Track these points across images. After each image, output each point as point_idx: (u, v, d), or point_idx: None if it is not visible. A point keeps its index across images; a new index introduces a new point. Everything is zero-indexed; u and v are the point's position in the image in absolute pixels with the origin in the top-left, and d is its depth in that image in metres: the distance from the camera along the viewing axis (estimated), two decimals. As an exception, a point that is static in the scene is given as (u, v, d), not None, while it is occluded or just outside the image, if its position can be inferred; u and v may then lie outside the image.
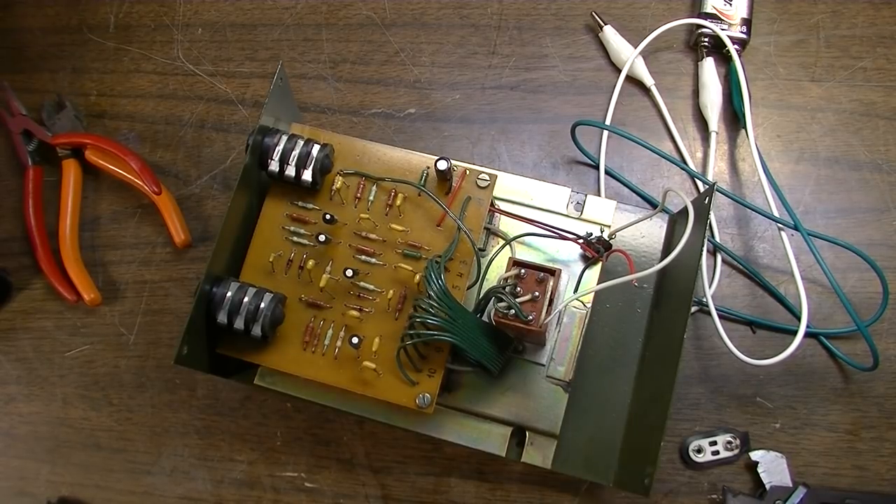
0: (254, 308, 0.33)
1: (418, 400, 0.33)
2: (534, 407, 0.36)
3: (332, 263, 0.35)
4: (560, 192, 0.38)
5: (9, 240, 0.44)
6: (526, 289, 0.32)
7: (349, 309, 0.34)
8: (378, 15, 0.47)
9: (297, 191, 0.36)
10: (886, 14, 0.45)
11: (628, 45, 0.44)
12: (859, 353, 0.40)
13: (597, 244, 0.36)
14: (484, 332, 0.34)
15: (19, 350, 0.42)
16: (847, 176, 0.43)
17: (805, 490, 0.37)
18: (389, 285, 0.35)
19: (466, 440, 0.36)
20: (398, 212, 0.36)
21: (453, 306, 0.32)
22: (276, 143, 0.35)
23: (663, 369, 0.34)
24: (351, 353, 0.34)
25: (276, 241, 0.36)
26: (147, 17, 0.47)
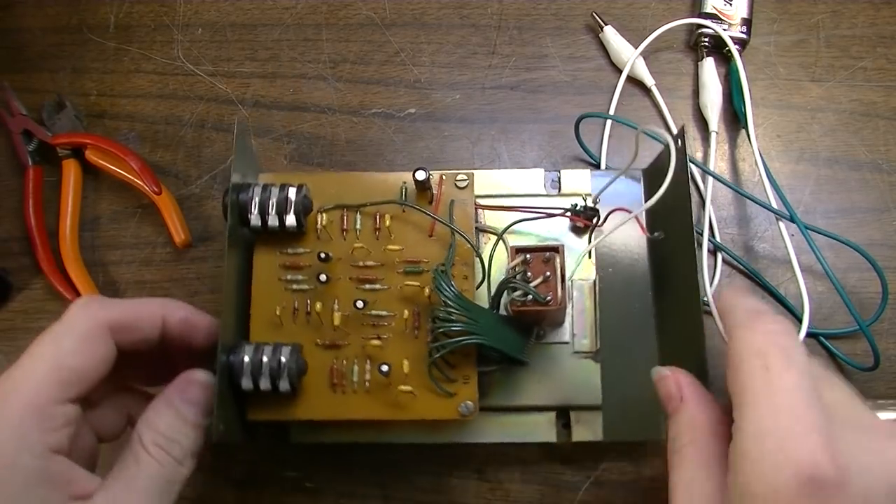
0: (276, 364, 0.32)
1: (461, 409, 0.33)
2: (570, 385, 0.36)
3: (339, 300, 0.35)
4: (534, 174, 0.39)
5: (9, 240, 0.44)
6: (535, 272, 0.32)
7: (368, 340, 0.34)
8: (378, 15, 0.47)
9: (282, 239, 0.35)
10: (886, 14, 0.46)
11: (629, 46, 0.44)
12: (859, 353, 0.40)
13: (585, 212, 0.37)
14: (506, 326, 0.34)
15: (19, 350, 0.41)
16: (847, 176, 0.43)
17: (805, 490, 0.37)
18: (400, 306, 0.34)
19: (514, 437, 0.36)
20: (388, 233, 0.35)
21: (471, 308, 0.32)
22: (251, 196, 0.34)
23: (685, 310, 0.34)
24: (382, 382, 0.33)
25: (276, 293, 0.35)
26: (147, 17, 0.47)
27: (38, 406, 0.27)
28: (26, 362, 0.28)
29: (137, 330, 0.31)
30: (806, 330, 0.36)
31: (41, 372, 0.28)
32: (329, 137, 0.45)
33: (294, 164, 0.44)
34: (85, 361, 0.29)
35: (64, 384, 0.28)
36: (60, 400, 0.28)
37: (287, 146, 0.44)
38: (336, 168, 0.44)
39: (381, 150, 0.44)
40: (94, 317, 0.29)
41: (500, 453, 0.39)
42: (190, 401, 0.31)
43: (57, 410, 0.27)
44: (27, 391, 0.27)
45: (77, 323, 0.29)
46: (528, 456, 0.39)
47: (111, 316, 0.30)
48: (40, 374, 0.28)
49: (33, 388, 0.27)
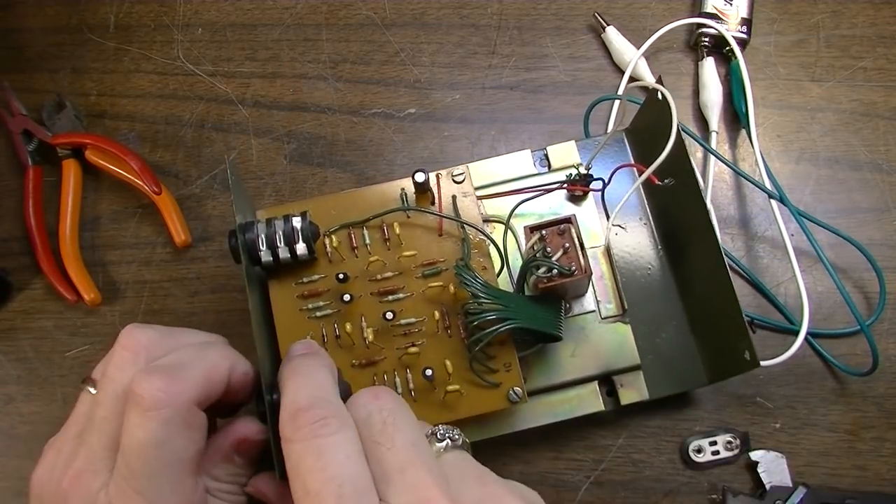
0: None
1: (510, 397, 0.33)
2: (606, 352, 0.37)
3: (365, 317, 0.34)
4: (522, 156, 0.40)
5: (9, 240, 0.44)
6: (554, 247, 0.33)
7: (404, 349, 0.34)
8: (378, 15, 0.47)
9: (294, 270, 0.35)
10: (886, 14, 0.46)
11: (631, 46, 0.44)
12: (859, 353, 0.40)
13: (582, 180, 0.38)
14: (536, 305, 0.34)
15: (19, 350, 0.42)
16: (847, 176, 0.43)
17: (805, 490, 0.37)
18: (427, 309, 0.34)
19: (563, 414, 0.37)
20: (398, 241, 0.35)
21: (500, 295, 0.33)
22: (257, 234, 0.33)
23: (704, 254, 0.35)
24: (427, 387, 0.33)
25: (300, 324, 0.34)
26: (147, 17, 0.47)
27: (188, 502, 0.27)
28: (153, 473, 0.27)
29: (215, 395, 0.29)
30: (806, 331, 0.36)
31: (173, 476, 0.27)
32: (329, 137, 0.45)
33: (294, 164, 0.44)
34: (195, 448, 0.28)
35: (191, 473, 0.28)
36: (195, 488, 0.28)
37: (287, 146, 0.44)
38: (335, 168, 0.44)
39: (381, 150, 0.44)
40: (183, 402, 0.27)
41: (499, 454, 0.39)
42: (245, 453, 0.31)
43: (197, 498, 0.28)
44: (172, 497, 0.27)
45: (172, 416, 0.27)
46: (529, 456, 0.39)
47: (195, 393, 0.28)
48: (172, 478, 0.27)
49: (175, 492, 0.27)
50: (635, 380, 0.37)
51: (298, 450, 0.25)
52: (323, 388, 0.27)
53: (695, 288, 0.38)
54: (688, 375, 0.38)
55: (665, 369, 0.38)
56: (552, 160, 0.40)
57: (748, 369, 0.33)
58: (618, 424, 0.39)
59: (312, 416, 0.25)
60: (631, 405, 0.37)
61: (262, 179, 0.44)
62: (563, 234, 0.33)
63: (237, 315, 0.42)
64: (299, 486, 0.24)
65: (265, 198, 0.43)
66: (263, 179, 0.44)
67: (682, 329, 0.38)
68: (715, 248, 0.34)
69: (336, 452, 0.25)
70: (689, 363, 0.38)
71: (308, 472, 0.24)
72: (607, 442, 0.39)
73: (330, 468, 0.24)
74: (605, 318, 0.37)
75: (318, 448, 0.25)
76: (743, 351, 0.33)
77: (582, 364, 0.37)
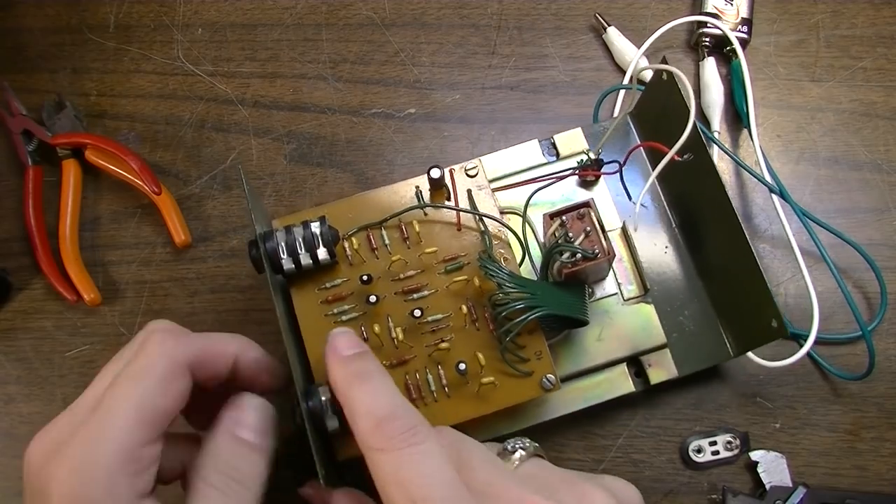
0: None
1: (543, 384, 0.33)
2: (632, 333, 0.37)
3: (391, 317, 0.34)
4: (530, 146, 0.41)
5: (9, 240, 0.44)
6: (575, 231, 0.33)
7: (435, 345, 0.34)
8: (378, 15, 0.47)
9: (315, 276, 0.35)
10: (886, 14, 0.46)
11: (632, 46, 0.44)
12: (858, 354, 0.40)
13: (593, 165, 0.38)
14: (561, 291, 0.34)
15: (19, 350, 0.42)
16: (847, 176, 0.43)
17: (805, 490, 0.37)
18: (453, 304, 0.34)
19: (595, 398, 0.37)
20: (418, 238, 0.35)
21: (526, 283, 0.33)
22: (277, 242, 0.33)
23: (722, 228, 0.36)
24: (461, 382, 0.33)
25: (326, 329, 0.33)
26: (147, 17, 0.47)
27: (126, 450, 0.26)
28: (110, 404, 0.27)
29: (212, 367, 0.30)
30: (815, 336, 0.36)
31: (127, 415, 0.26)
32: (329, 137, 0.45)
33: (294, 164, 0.44)
34: (167, 400, 0.27)
35: (149, 424, 0.27)
36: (146, 441, 0.26)
37: (287, 146, 0.44)
38: (335, 168, 0.44)
39: (381, 150, 0.44)
40: (174, 354, 0.28)
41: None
42: (244, 424, 0.30)
43: (144, 452, 0.26)
44: (114, 436, 0.26)
45: (158, 361, 0.28)
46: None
47: (190, 352, 0.29)
48: (126, 417, 0.26)
49: (120, 433, 0.26)
50: (663, 359, 0.37)
51: (394, 460, 0.25)
52: (396, 393, 0.27)
53: (714, 264, 0.38)
54: (714, 351, 0.38)
55: (691, 346, 0.38)
56: (560, 148, 0.40)
57: (777, 337, 0.33)
58: (618, 424, 0.39)
59: (402, 425, 0.26)
60: (632, 403, 0.37)
61: (262, 179, 0.44)
62: (583, 218, 0.34)
63: (237, 315, 0.42)
64: (401, 496, 0.24)
65: (265, 198, 0.43)
66: (263, 179, 0.44)
67: (704, 306, 0.39)
68: (733, 220, 0.34)
69: (434, 460, 0.25)
70: (715, 339, 0.38)
71: (410, 481, 0.24)
72: (607, 442, 0.39)
73: (432, 476, 0.25)
74: (627, 300, 0.38)
75: (416, 457, 0.25)
76: (770, 320, 0.33)
77: (609, 347, 0.37)
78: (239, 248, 0.43)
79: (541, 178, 0.38)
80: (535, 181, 0.38)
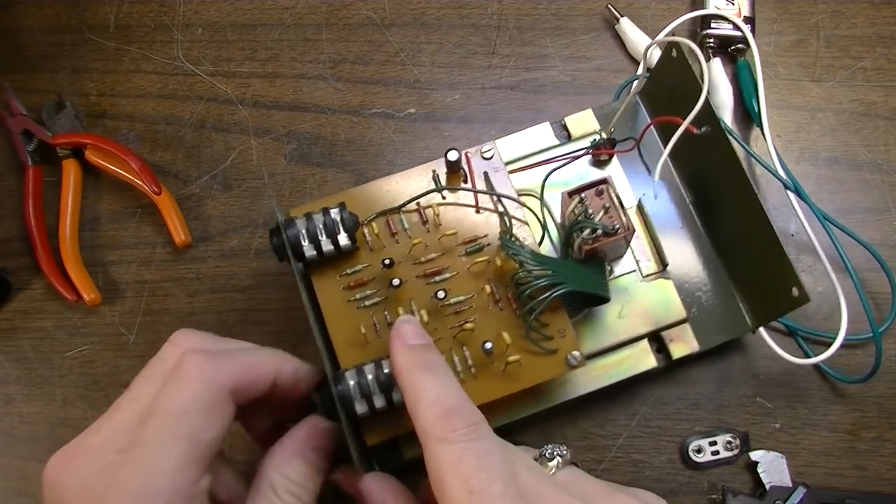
0: (384, 378, 0.31)
1: (569, 361, 0.33)
2: (652, 309, 0.37)
3: (414, 301, 0.34)
4: (542, 129, 0.41)
5: (9, 240, 0.44)
6: (594, 208, 0.34)
7: (458, 328, 0.34)
8: (378, 15, 0.47)
9: (336, 263, 0.35)
10: (886, 14, 0.46)
11: (645, 36, 0.44)
12: (859, 354, 0.40)
13: (606, 144, 0.39)
14: (584, 269, 0.34)
15: (19, 350, 0.42)
16: (847, 176, 0.43)
17: (805, 490, 0.37)
18: (475, 285, 0.34)
19: (618, 375, 0.37)
20: (437, 221, 0.35)
21: (548, 261, 0.34)
22: (298, 229, 0.33)
23: (738, 201, 0.36)
24: (487, 362, 0.33)
25: (350, 316, 0.34)
26: (147, 17, 0.47)
27: (182, 490, 0.26)
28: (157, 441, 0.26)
29: (253, 390, 0.30)
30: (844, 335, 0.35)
31: (178, 456, 0.26)
32: (329, 137, 0.45)
33: (294, 164, 0.44)
34: (213, 432, 0.27)
35: (199, 461, 0.26)
36: (198, 478, 0.26)
37: (287, 146, 0.44)
38: (335, 168, 0.44)
39: (381, 150, 0.44)
40: (216, 382, 0.28)
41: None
42: (317, 448, 0.31)
43: (197, 490, 0.26)
44: (169, 479, 0.26)
45: (202, 392, 0.27)
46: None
47: (231, 378, 0.28)
48: (176, 456, 0.26)
49: (174, 474, 0.26)
50: (684, 333, 0.38)
51: (455, 450, 0.26)
52: (460, 388, 0.28)
53: (730, 238, 0.38)
54: (734, 324, 0.38)
55: (711, 320, 0.38)
56: (571, 130, 0.41)
57: (799, 305, 0.33)
58: (618, 424, 0.39)
59: (465, 419, 0.26)
60: (631, 404, 0.37)
61: (261, 179, 0.44)
62: (602, 194, 0.34)
63: (237, 315, 0.42)
64: (459, 486, 0.25)
65: (265, 198, 0.43)
66: (263, 179, 0.44)
67: (721, 281, 0.39)
68: (748, 190, 0.35)
69: (493, 456, 0.26)
70: (734, 312, 0.38)
71: (471, 472, 0.25)
72: (607, 442, 0.39)
73: (492, 469, 0.25)
74: (646, 276, 0.38)
75: (477, 451, 0.26)
76: (791, 288, 0.33)
77: (630, 324, 0.37)
78: (239, 247, 0.43)
79: (556, 159, 0.39)
80: (550, 161, 0.39)
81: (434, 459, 0.26)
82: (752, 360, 0.40)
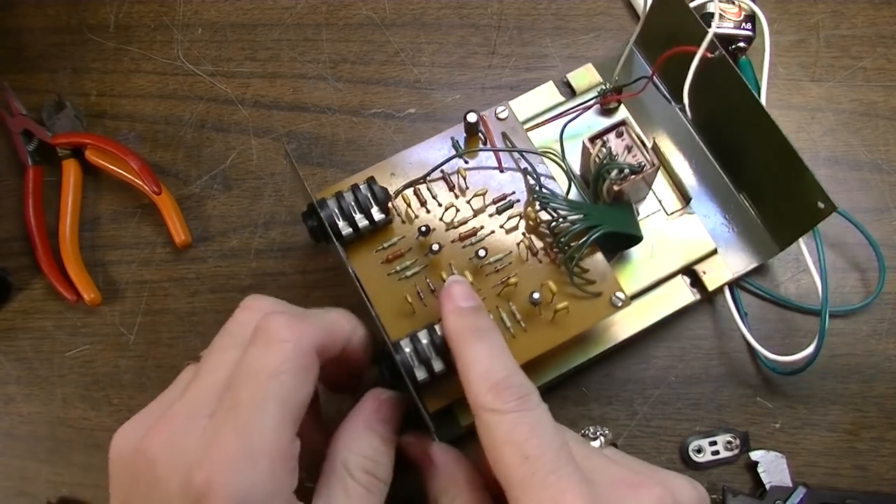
0: (440, 341, 0.31)
1: (614, 302, 0.34)
2: (681, 244, 0.39)
3: (454, 264, 0.35)
4: (546, 88, 0.43)
5: (9, 240, 0.44)
6: (617, 149, 0.35)
7: (502, 285, 0.34)
8: (378, 15, 0.47)
9: (369, 239, 0.35)
10: (886, 14, 0.45)
11: None
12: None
13: (613, 92, 0.40)
14: (616, 210, 0.35)
15: (19, 350, 0.42)
16: (847, 176, 0.43)
17: (805, 490, 0.37)
18: (511, 241, 0.35)
19: (659, 313, 0.38)
20: (465, 185, 0.36)
21: (582, 205, 0.35)
22: (331, 209, 0.34)
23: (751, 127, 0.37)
24: (534, 313, 0.34)
25: (393, 288, 0.35)
26: (147, 17, 0.47)
27: (281, 451, 0.25)
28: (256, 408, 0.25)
29: (332, 349, 0.29)
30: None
31: (275, 417, 0.25)
32: (329, 137, 0.45)
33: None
34: (305, 393, 0.27)
35: (294, 422, 0.26)
36: (293, 439, 0.26)
37: (287, 146, 0.44)
38: (335, 168, 0.44)
39: (381, 150, 0.44)
40: (304, 343, 0.27)
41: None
42: (386, 420, 0.30)
43: (293, 449, 0.26)
44: (270, 440, 0.25)
45: (293, 354, 0.27)
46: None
47: (316, 338, 0.28)
48: (274, 419, 0.25)
49: (274, 435, 0.25)
50: (716, 265, 0.39)
51: (508, 421, 0.26)
52: (510, 356, 0.29)
53: (749, 169, 0.39)
54: (761, 248, 0.40)
55: (738, 249, 0.40)
56: (575, 85, 0.43)
57: (825, 216, 0.35)
58: (618, 424, 0.39)
59: (517, 391, 0.27)
60: (631, 403, 0.36)
61: (261, 179, 0.44)
62: (622, 135, 0.35)
63: (237, 315, 0.42)
64: (514, 453, 0.26)
65: (265, 198, 0.43)
66: (263, 179, 0.44)
67: (741, 211, 0.40)
68: (764, 117, 0.35)
69: (547, 425, 0.27)
70: (759, 239, 0.40)
71: (525, 440, 0.26)
72: (607, 442, 0.39)
73: (545, 436, 0.26)
74: (671, 214, 0.39)
75: (530, 420, 0.26)
76: (815, 202, 0.35)
77: (662, 262, 0.39)
78: (239, 247, 0.43)
79: (568, 112, 0.40)
80: (559, 117, 0.40)
81: (487, 429, 0.27)
82: (752, 360, 0.40)
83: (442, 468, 0.30)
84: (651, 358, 0.40)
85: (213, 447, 0.25)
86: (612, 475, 0.28)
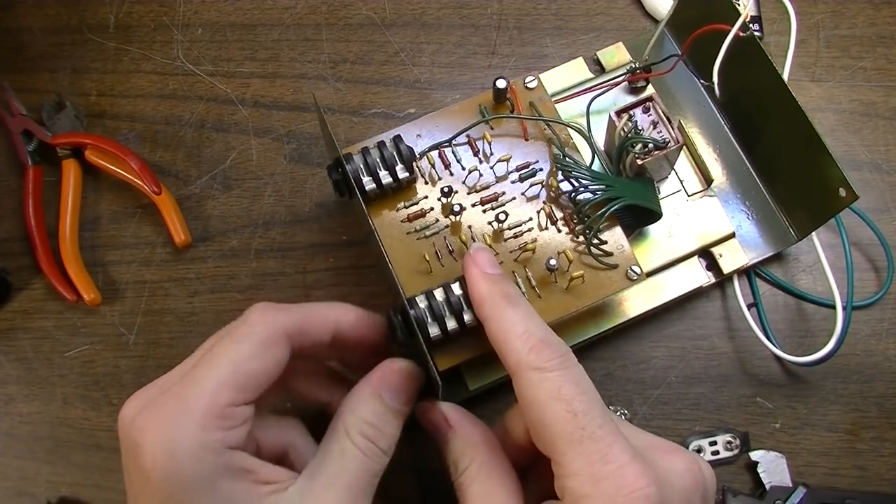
0: (456, 299, 0.32)
1: (629, 275, 0.34)
2: (699, 225, 0.39)
3: (473, 228, 0.35)
4: (575, 64, 0.43)
5: (9, 240, 0.44)
6: (643, 124, 0.35)
7: (520, 250, 0.34)
8: (378, 15, 0.47)
9: (392, 197, 0.35)
10: (886, 14, 0.45)
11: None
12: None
13: (644, 68, 0.40)
14: (638, 185, 0.35)
15: (19, 350, 0.42)
16: (847, 176, 0.43)
17: (805, 490, 0.37)
18: (532, 209, 0.35)
19: (672, 293, 0.39)
20: (490, 150, 0.36)
21: (604, 176, 0.35)
22: (356, 164, 0.34)
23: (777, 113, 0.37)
24: (550, 280, 0.34)
25: (413, 247, 0.35)
26: (147, 17, 0.47)
27: (217, 407, 0.27)
28: (207, 362, 0.28)
29: (313, 335, 0.31)
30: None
31: (219, 373, 0.28)
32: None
33: (294, 164, 0.44)
34: (261, 366, 0.29)
35: (240, 387, 0.28)
36: (237, 402, 0.28)
37: (287, 146, 0.44)
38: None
39: (381, 150, 0.44)
40: (273, 322, 0.30)
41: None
42: (395, 388, 0.31)
43: (234, 412, 0.28)
44: (207, 393, 0.27)
45: (257, 327, 0.29)
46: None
47: (289, 322, 0.30)
48: (218, 375, 0.28)
49: (213, 390, 0.27)
50: (732, 248, 0.39)
51: (555, 378, 0.27)
52: (543, 322, 0.29)
53: (772, 155, 0.40)
54: (780, 236, 0.40)
55: (757, 234, 0.40)
56: (604, 62, 0.43)
57: (848, 204, 0.35)
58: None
59: (557, 350, 0.28)
60: (631, 400, 0.36)
61: (261, 179, 0.44)
62: (649, 111, 0.36)
63: (237, 315, 0.42)
64: (563, 409, 0.26)
65: (265, 198, 0.43)
66: (263, 179, 0.44)
67: (761, 198, 0.40)
68: (790, 101, 0.35)
69: (588, 381, 0.28)
70: (777, 225, 0.40)
71: (573, 397, 0.27)
72: (607, 442, 0.39)
73: (590, 392, 0.27)
74: (691, 195, 0.39)
75: (576, 376, 0.27)
76: (837, 189, 0.35)
77: (679, 242, 0.39)
78: (239, 247, 0.43)
79: (596, 87, 0.40)
80: (587, 91, 0.40)
81: (531, 388, 0.27)
82: (752, 360, 0.40)
83: (460, 431, 0.31)
84: (651, 358, 0.40)
85: (155, 405, 0.28)
86: (645, 440, 0.29)
